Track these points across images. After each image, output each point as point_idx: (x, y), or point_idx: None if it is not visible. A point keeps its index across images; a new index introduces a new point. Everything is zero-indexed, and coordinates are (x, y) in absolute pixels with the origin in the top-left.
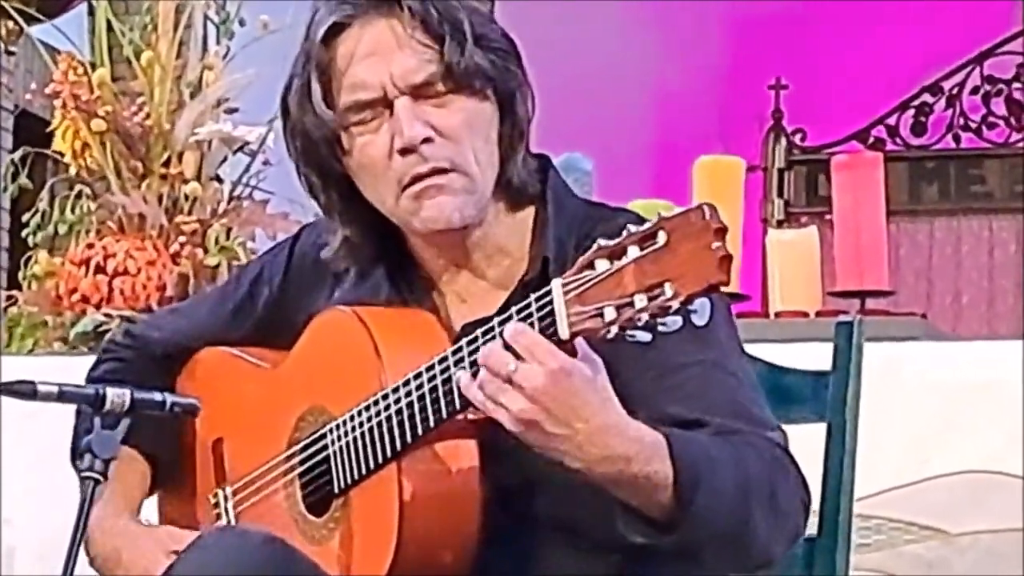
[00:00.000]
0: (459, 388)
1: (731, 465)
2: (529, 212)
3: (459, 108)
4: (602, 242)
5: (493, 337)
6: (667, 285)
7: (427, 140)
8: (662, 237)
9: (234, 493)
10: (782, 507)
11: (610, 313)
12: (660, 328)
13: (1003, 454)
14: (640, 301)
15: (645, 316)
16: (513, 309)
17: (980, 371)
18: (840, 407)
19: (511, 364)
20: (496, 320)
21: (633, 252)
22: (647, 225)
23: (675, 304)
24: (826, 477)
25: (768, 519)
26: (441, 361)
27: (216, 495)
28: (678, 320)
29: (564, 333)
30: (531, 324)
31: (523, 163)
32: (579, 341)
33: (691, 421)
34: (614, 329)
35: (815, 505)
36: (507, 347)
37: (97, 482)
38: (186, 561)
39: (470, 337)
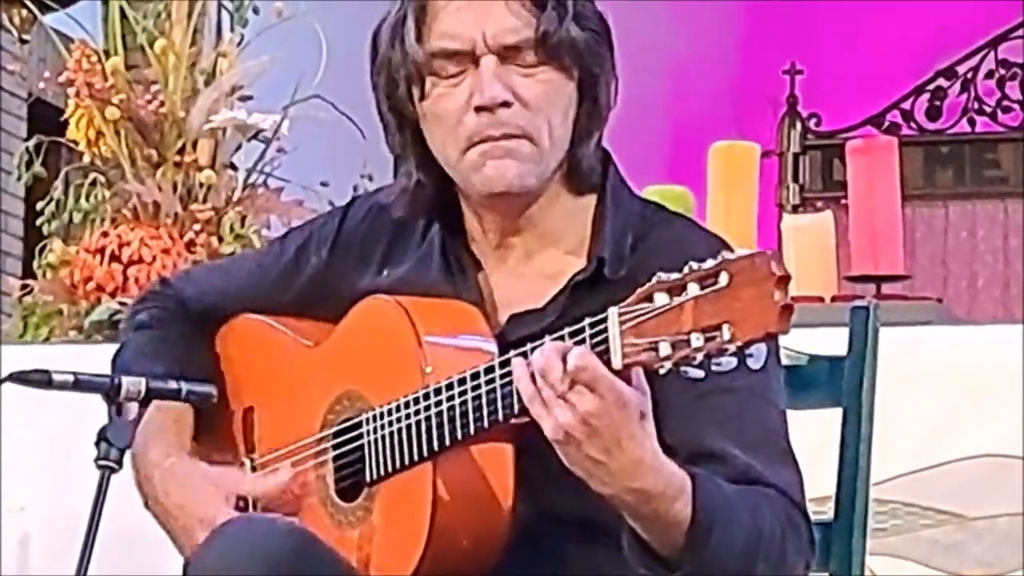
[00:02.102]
0: (505, 400)
1: (748, 521)
2: (588, 201)
3: (544, 80)
4: (662, 276)
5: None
6: (725, 328)
7: (505, 104)
8: (724, 278)
9: (262, 465)
10: (788, 561)
11: (665, 348)
12: (714, 367)
13: (1019, 438)
14: (696, 340)
15: (700, 355)
16: (566, 331)
17: (996, 355)
18: (856, 392)
19: (566, 382)
20: (548, 340)
21: (693, 290)
22: (709, 264)
23: (732, 348)
24: (842, 462)
25: (772, 569)
26: (489, 371)
27: (243, 464)
28: (733, 361)
29: (617, 363)
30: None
31: (593, 150)
32: (636, 371)
33: (719, 455)
34: (668, 364)
35: (831, 490)
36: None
37: (113, 471)
38: (211, 549)
39: (520, 351)
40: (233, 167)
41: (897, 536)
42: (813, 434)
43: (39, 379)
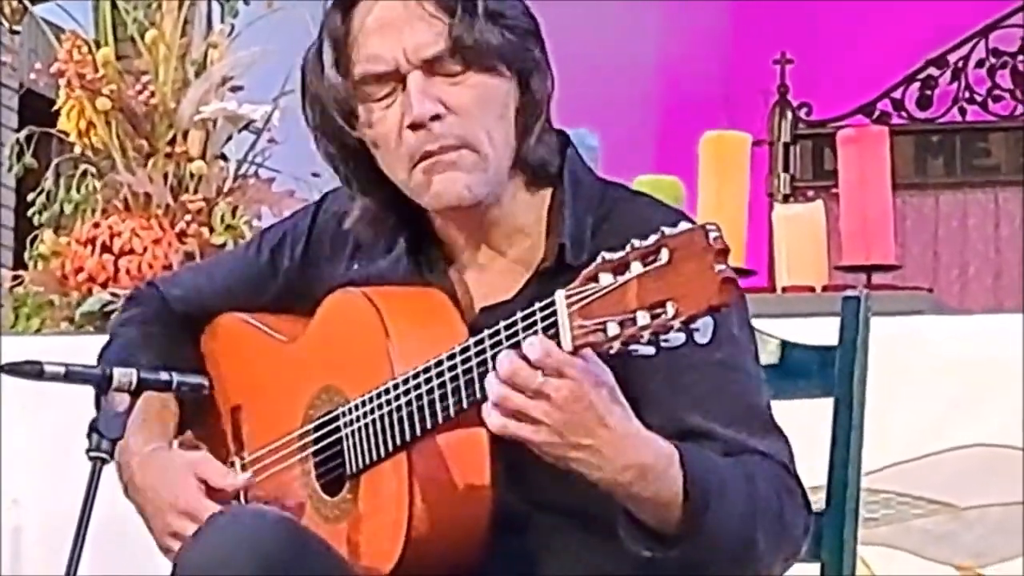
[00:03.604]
0: (473, 386)
1: (741, 488)
2: (548, 191)
3: (472, 85)
4: (606, 255)
5: (500, 341)
6: (669, 304)
7: (436, 117)
8: (664, 254)
9: (251, 463)
10: (787, 530)
11: (613, 328)
12: (663, 344)
13: (1011, 428)
14: (643, 318)
15: (647, 333)
16: (518, 315)
17: (987, 344)
18: (847, 382)
19: (538, 377)
20: (502, 325)
21: (636, 268)
22: (650, 240)
23: (676, 323)
24: (833, 452)
25: (772, 541)
26: (452, 356)
27: (233, 463)
28: (680, 336)
29: (567, 346)
30: (534, 333)
31: (541, 141)
32: (587, 352)
33: (703, 431)
34: (617, 344)
35: (823, 480)
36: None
37: (104, 462)
38: (202, 540)
39: (478, 337)
40: (224, 158)
41: (889, 526)
42: (804, 424)
43: (30, 371)
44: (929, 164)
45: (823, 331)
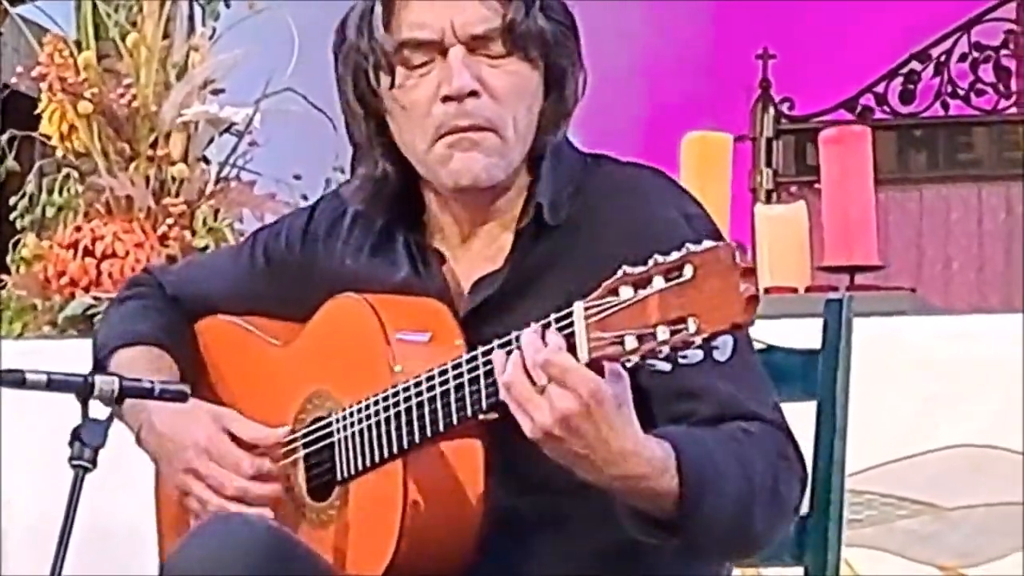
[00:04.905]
0: (473, 397)
1: (737, 471)
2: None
3: (511, 71)
4: (628, 269)
5: (510, 346)
6: (691, 320)
7: (473, 94)
8: (688, 271)
9: None
10: (781, 501)
11: (631, 342)
12: (680, 360)
13: (995, 428)
14: (662, 333)
15: (666, 348)
16: (533, 327)
17: (971, 345)
18: (830, 385)
19: (544, 378)
20: (512, 336)
21: (658, 283)
22: (674, 256)
23: (697, 340)
24: (817, 454)
25: (768, 512)
26: (457, 367)
27: None
28: (699, 354)
29: (583, 357)
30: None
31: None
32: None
33: (701, 392)
34: (634, 358)
35: (807, 482)
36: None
37: (87, 470)
38: (189, 547)
39: (486, 348)
40: (206, 161)
41: (873, 527)
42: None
43: (12, 379)
44: (912, 159)
45: (806, 332)
